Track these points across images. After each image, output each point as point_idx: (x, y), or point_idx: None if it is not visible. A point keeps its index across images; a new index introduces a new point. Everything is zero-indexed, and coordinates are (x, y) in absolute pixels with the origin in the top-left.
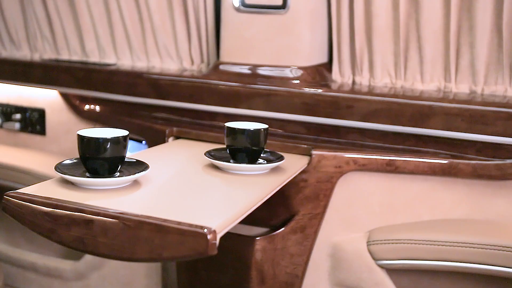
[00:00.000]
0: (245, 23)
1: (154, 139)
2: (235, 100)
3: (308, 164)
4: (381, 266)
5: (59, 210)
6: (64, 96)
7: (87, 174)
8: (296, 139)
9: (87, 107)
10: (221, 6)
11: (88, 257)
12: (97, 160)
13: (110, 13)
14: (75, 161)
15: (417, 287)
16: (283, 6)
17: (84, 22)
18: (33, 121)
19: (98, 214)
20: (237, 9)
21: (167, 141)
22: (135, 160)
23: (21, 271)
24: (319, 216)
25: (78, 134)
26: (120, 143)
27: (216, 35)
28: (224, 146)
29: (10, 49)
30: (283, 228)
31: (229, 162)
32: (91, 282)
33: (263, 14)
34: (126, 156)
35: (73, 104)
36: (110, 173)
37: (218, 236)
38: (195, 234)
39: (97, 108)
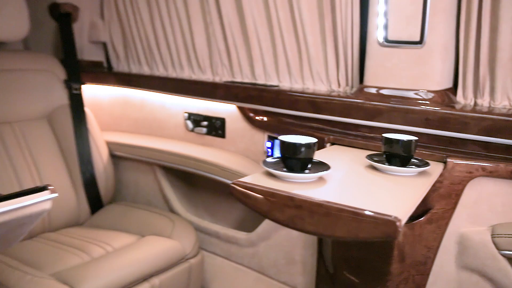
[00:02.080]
0: (387, 55)
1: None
2: (377, 116)
3: (443, 169)
4: (503, 256)
5: (274, 197)
6: (240, 109)
7: (284, 169)
8: (429, 149)
9: (258, 118)
10: (366, 41)
11: (258, 230)
12: (294, 159)
13: (276, 47)
14: (276, 160)
15: None
16: (420, 41)
17: (255, 53)
18: (216, 127)
19: (305, 201)
20: (381, 44)
21: (325, 147)
22: (318, 161)
23: (207, 237)
24: (450, 211)
25: (280, 139)
26: (311, 147)
27: (359, 64)
28: (373, 152)
29: (197, 73)
30: (421, 219)
31: (386, 164)
32: (260, 249)
33: (402, 48)
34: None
35: (247, 115)
36: (302, 170)
37: (402, 224)
38: (387, 222)
39: (265, 118)
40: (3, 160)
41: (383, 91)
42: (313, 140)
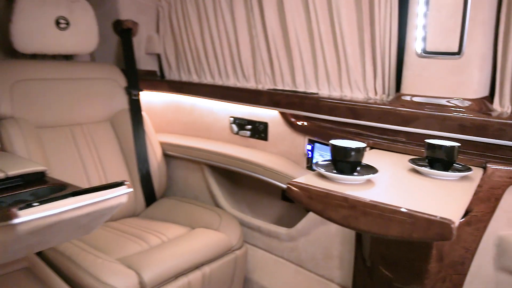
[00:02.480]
0: (425, 65)
1: None
2: (414, 122)
3: (483, 174)
4: None
5: (329, 198)
6: (282, 114)
7: (334, 171)
8: (467, 154)
9: (299, 122)
10: (404, 52)
11: (298, 226)
12: (344, 162)
13: (316, 58)
14: (326, 162)
15: None
16: (459, 52)
17: (296, 63)
18: (259, 131)
19: (359, 202)
20: (419, 55)
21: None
22: (365, 164)
23: (250, 231)
24: (489, 215)
25: (331, 143)
26: (360, 152)
27: (396, 73)
28: (414, 156)
29: (242, 81)
30: (460, 220)
31: (428, 168)
32: (299, 244)
33: (440, 59)
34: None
35: (289, 120)
36: (351, 173)
37: (456, 226)
38: (442, 224)
39: (305, 123)
40: (75, 156)
41: (420, 99)
42: (362, 144)
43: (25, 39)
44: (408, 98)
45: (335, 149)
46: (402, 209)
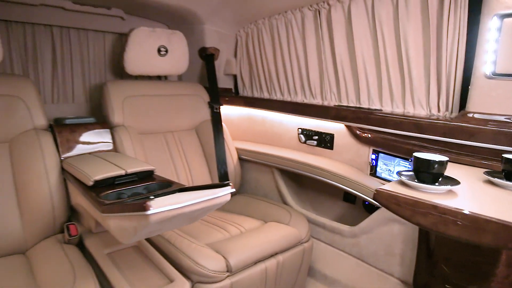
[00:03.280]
0: (493, 86)
1: None
2: (481, 137)
3: None
4: None
5: (418, 205)
6: (348, 127)
7: (416, 181)
8: None
9: (364, 135)
10: (472, 74)
11: (362, 225)
12: (427, 173)
13: (381, 79)
14: (409, 173)
15: None
16: None
17: (361, 84)
18: (326, 141)
19: (449, 210)
20: (488, 77)
21: None
22: (445, 175)
23: (314, 226)
24: None
25: (414, 156)
26: (444, 165)
27: (460, 93)
28: (486, 169)
29: (309, 98)
30: None
31: (505, 181)
32: (361, 240)
33: (509, 80)
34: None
35: (354, 132)
36: (432, 183)
37: None
38: None
39: (370, 135)
40: (167, 157)
41: (486, 116)
42: (445, 158)
43: (134, 64)
44: (475, 115)
45: (418, 161)
46: (497, 220)
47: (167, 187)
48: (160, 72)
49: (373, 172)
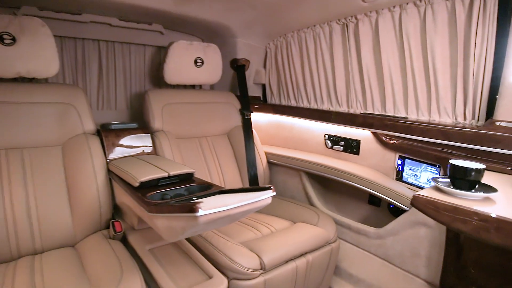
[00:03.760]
0: None
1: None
2: (510, 145)
3: None
4: None
5: (457, 211)
6: (374, 134)
7: (451, 187)
8: None
9: (390, 141)
10: (500, 84)
11: (388, 227)
12: (464, 180)
13: (407, 88)
14: (444, 180)
15: None
16: None
17: (387, 93)
18: (352, 146)
19: (491, 217)
20: None
21: None
22: (482, 182)
23: (339, 227)
24: None
25: (451, 163)
26: (481, 172)
27: (487, 101)
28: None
29: (335, 106)
30: None
31: None
32: (387, 242)
33: None
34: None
35: (380, 138)
36: (469, 190)
37: None
38: None
39: (395, 142)
40: (202, 160)
41: None
42: (482, 166)
43: (172, 74)
44: (502, 123)
45: (455, 169)
46: None
47: (207, 189)
48: (196, 82)
49: (399, 177)
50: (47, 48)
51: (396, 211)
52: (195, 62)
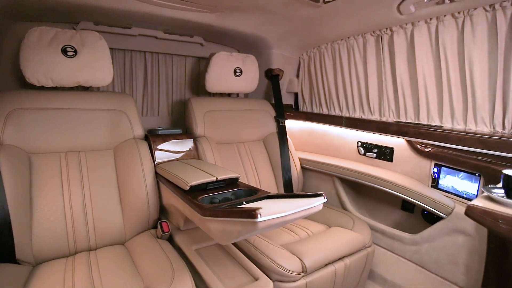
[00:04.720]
0: None
1: (489, 174)
2: None
3: None
4: None
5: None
6: (408, 142)
7: (505, 197)
8: None
9: (425, 149)
10: None
11: (424, 233)
12: None
13: (442, 98)
14: (497, 189)
15: None
16: None
17: (421, 102)
18: (385, 153)
19: None
20: None
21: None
22: None
23: (374, 233)
24: None
25: (504, 173)
26: None
27: None
28: None
29: (367, 114)
30: None
31: None
32: (422, 248)
33: None
34: None
35: (414, 146)
36: None
37: None
38: None
39: (430, 149)
40: (239, 164)
41: None
42: None
43: (213, 83)
44: None
45: (509, 179)
46: None
47: (252, 194)
48: (235, 90)
49: (435, 184)
50: (103, 59)
51: (430, 218)
52: (235, 71)
